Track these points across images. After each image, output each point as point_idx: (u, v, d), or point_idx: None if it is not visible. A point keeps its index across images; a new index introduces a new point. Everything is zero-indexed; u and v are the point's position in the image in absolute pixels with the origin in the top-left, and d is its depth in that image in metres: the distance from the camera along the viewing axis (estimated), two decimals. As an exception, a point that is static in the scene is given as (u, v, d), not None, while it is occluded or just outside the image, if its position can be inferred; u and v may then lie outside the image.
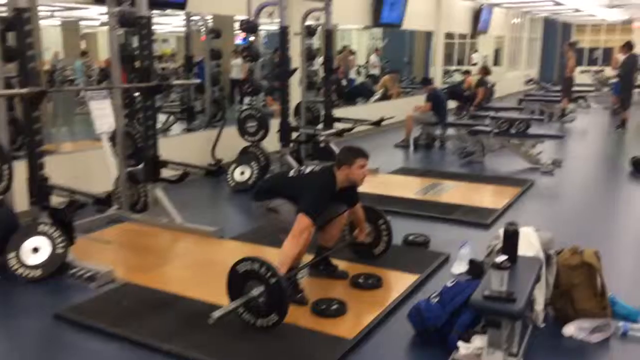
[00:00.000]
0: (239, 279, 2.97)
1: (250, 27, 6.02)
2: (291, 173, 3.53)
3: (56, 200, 4.13)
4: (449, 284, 2.99)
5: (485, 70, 11.57)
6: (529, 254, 2.92)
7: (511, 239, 2.74)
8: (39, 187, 3.91)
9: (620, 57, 12.88)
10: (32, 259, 3.75)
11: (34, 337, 3.14)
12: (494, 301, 2.39)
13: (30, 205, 4.01)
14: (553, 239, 3.14)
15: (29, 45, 3.64)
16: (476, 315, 2.73)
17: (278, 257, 3.10)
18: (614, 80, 12.63)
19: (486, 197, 5.94)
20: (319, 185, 3.31)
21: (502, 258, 2.47)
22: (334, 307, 3.20)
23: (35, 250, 3.77)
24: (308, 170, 3.47)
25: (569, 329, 2.97)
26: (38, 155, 3.87)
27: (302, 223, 3.12)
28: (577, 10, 17.28)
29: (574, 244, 3.19)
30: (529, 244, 3.00)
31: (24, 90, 3.59)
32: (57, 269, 3.76)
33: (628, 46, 10.65)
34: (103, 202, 3.82)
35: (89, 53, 13.98)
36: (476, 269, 3.38)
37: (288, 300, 2.88)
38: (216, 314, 2.73)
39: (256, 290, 2.88)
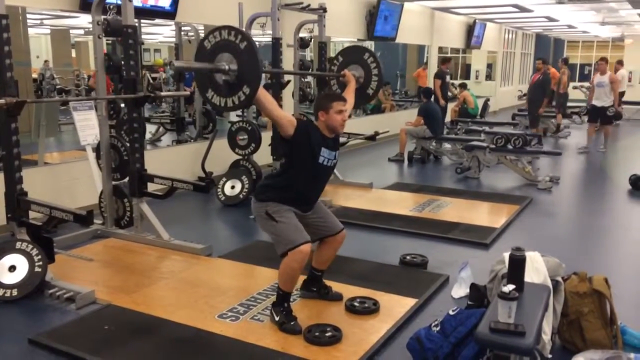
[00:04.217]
0: (207, 56, 2.70)
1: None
2: None
3: (36, 214, 3.94)
4: (451, 312, 2.81)
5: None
6: (535, 281, 2.76)
7: (518, 266, 2.57)
8: (17, 202, 3.72)
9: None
10: (8, 278, 3.57)
11: (6, 364, 2.93)
12: (502, 334, 2.22)
13: (7, 221, 3.82)
14: (561, 264, 2.98)
15: (7, 54, 3.46)
16: (480, 347, 2.56)
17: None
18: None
19: (484, 214, 5.79)
20: None
21: (509, 287, 2.30)
22: (328, 334, 3.03)
23: (12, 268, 3.59)
24: None
25: (578, 361, 2.79)
26: (16, 168, 3.68)
27: None
28: (570, 27, 17.32)
29: (582, 271, 3.03)
30: (535, 270, 2.83)
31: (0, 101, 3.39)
32: (34, 288, 3.58)
33: (544, 63, 10.40)
34: (83, 219, 3.61)
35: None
36: (478, 295, 3.20)
37: (261, 68, 2.66)
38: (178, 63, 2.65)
39: (226, 61, 2.63)
